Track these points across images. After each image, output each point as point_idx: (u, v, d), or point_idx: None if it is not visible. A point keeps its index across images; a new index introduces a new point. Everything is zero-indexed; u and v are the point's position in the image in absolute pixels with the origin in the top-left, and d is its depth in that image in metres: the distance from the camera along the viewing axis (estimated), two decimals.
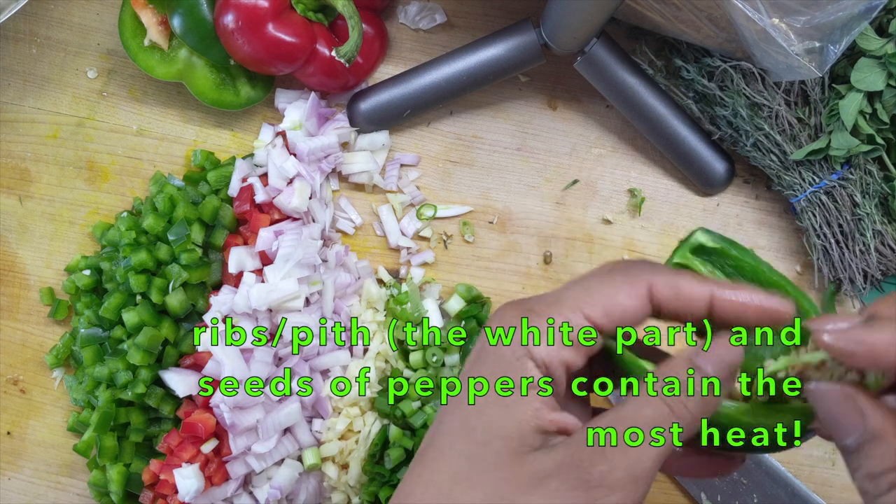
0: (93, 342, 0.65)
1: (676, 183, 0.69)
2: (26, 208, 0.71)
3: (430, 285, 0.69)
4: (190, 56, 0.66)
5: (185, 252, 0.63)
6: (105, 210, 0.70)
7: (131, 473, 0.64)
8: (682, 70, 0.64)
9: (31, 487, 0.70)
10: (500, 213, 0.69)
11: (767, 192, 0.68)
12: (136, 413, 0.64)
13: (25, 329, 0.71)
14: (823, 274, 0.65)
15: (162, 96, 0.70)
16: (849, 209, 0.62)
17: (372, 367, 0.65)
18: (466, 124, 0.70)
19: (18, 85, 0.71)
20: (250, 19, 0.61)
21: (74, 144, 0.71)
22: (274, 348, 0.63)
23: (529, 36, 0.63)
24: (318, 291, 0.64)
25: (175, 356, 0.63)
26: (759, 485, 0.64)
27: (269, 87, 0.69)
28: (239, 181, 0.66)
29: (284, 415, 0.62)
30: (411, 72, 0.67)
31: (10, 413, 0.71)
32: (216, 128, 0.70)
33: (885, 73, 0.57)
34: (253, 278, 0.62)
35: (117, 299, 0.63)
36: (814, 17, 0.51)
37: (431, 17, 0.69)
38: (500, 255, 0.69)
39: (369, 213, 0.70)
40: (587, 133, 0.69)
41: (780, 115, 0.61)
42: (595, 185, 0.69)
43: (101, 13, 0.70)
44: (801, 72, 0.53)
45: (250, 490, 0.64)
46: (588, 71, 0.64)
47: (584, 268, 0.69)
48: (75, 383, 0.68)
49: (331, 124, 0.68)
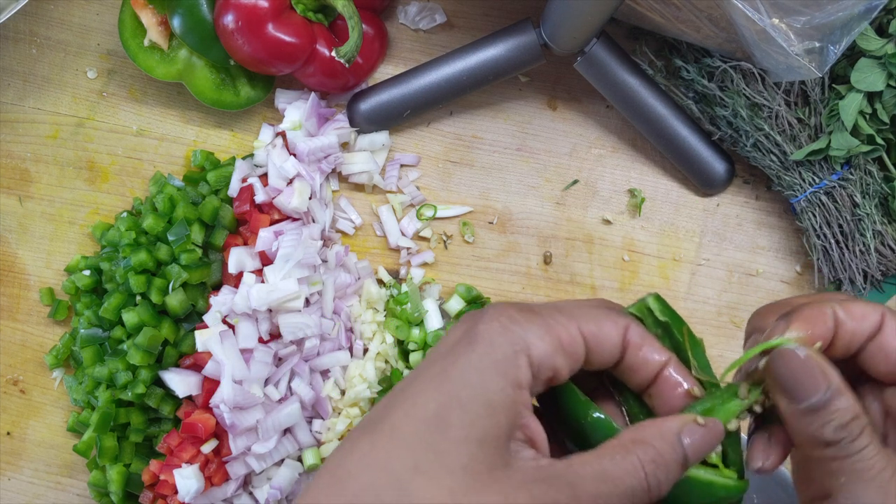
0: (93, 342, 0.65)
1: (676, 183, 0.69)
2: (26, 208, 0.71)
3: (430, 286, 0.69)
4: (190, 56, 0.66)
5: (185, 252, 0.63)
6: (105, 210, 0.70)
7: (131, 474, 0.64)
8: (682, 70, 0.64)
9: (31, 488, 0.70)
10: (500, 213, 0.69)
11: (767, 193, 0.68)
12: (136, 413, 0.64)
13: (25, 329, 0.71)
14: (823, 274, 0.65)
15: (162, 96, 0.70)
16: (849, 209, 0.62)
17: (372, 367, 0.65)
18: (466, 124, 0.70)
19: (18, 85, 0.71)
20: (250, 19, 0.61)
21: (74, 145, 0.71)
22: (274, 348, 0.63)
23: (529, 36, 0.63)
24: (318, 292, 0.64)
25: (175, 356, 0.63)
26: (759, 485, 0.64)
27: (269, 87, 0.69)
28: (239, 181, 0.66)
29: (284, 415, 0.62)
30: (411, 72, 0.67)
31: (10, 413, 0.71)
32: (216, 128, 0.70)
33: (885, 73, 0.57)
34: (253, 278, 0.62)
35: (117, 299, 0.63)
36: (814, 17, 0.51)
37: (431, 17, 0.69)
38: (500, 255, 0.69)
39: (369, 214, 0.70)
40: (587, 133, 0.69)
41: (780, 115, 0.61)
42: (595, 186, 0.69)
43: (101, 13, 0.70)
44: (801, 72, 0.53)
45: (250, 490, 0.64)
46: (588, 71, 0.64)
47: (584, 268, 0.69)
48: (75, 384, 0.68)
49: (331, 124, 0.68)
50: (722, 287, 0.68)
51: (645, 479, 0.36)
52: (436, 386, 0.35)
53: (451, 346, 0.37)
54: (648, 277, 0.69)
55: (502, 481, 0.34)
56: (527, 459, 0.35)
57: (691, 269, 0.69)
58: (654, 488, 0.36)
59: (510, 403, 0.35)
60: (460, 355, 0.36)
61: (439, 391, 0.35)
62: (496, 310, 0.37)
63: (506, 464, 0.35)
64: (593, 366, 0.39)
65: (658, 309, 0.42)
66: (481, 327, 0.36)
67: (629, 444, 0.36)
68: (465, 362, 0.36)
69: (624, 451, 0.36)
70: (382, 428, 0.35)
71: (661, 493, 0.36)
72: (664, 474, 0.36)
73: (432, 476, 0.34)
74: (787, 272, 0.68)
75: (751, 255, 0.68)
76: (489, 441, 0.34)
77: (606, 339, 0.38)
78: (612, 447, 0.36)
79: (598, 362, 0.39)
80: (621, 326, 0.39)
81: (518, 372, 0.36)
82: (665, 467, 0.36)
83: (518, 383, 0.35)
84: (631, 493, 0.35)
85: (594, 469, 0.35)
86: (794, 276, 0.68)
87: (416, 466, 0.34)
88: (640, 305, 0.42)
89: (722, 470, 0.40)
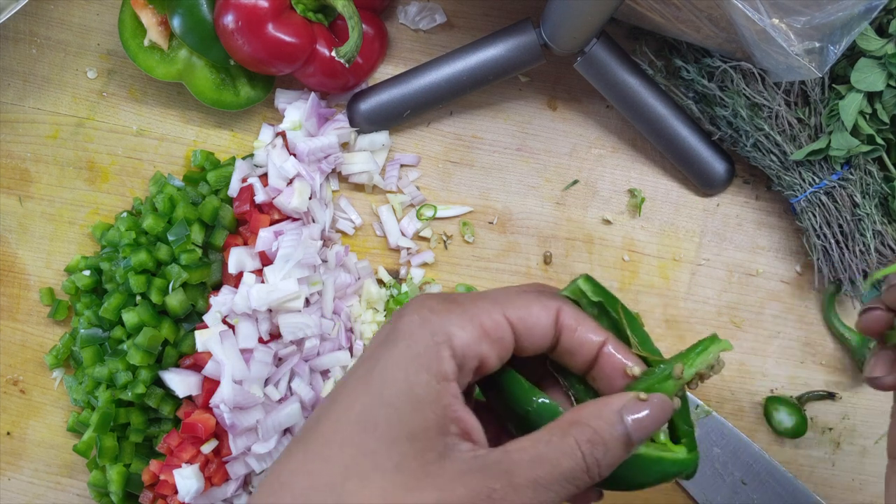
0: (93, 342, 0.65)
1: (676, 183, 0.69)
2: (26, 208, 0.71)
3: (430, 286, 0.69)
4: (190, 56, 0.66)
5: (185, 252, 0.63)
6: (105, 210, 0.70)
7: (131, 474, 0.64)
8: (682, 70, 0.64)
9: (31, 488, 0.70)
10: (500, 213, 0.69)
11: (767, 193, 0.68)
12: (136, 413, 0.64)
13: (25, 329, 0.71)
14: (823, 274, 0.65)
15: (162, 96, 0.70)
16: (849, 209, 0.62)
17: None
18: (466, 124, 0.70)
19: (18, 85, 0.71)
20: (250, 19, 0.61)
21: (74, 145, 0.71)
22: (274, 348, 0.63)
23: (529, 36, 0.63)
24: (318, 292, 0.64)
25: (175, 356, 0.63)
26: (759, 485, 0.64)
27: (269, 87, 0.69)
28: (239, 181, 0.66)
29: (284, 415, 0.62)
30: (411, 72, 0.67)
31: (10, 413, 0.71)
32: (216, 128, 0.70)
33: (885, 73, 0.57)
34: (253, 279, 0.62)
35: (117, 300, 0.63)
36: (814, 17, 0.51)
37: (431, 17, 0.69)
38: (500, 255, 0.69)
39: (369, 214, 0.70)
40: (587, 133, 0.69)
41: (780, 115, 0.61)
42: (595, 186, 0.69)
43: (101, 13, 0.70)
44: (801, 72, 0.53)
45: (250, 490, 0.64)
46: (588, 71, 0.64)
47: (584, 268, 0.69)
48: (75, 384, 0.68)
49: (331, 124, 0.68)
50: (722, 287, 0.68)
51: (582, 459, 0.35)
52: (362, 387, 0.35)
53: (376, 346, 0.36)
54: (648, 277, 0.69)
55: (436, 476, 0.34)
56: (463, 452, 0.35)
57: (691, 269, 0.69)
58: (593, 468, 0.35)
59: (436, 396, 0.34)
60: (382, 354, 0.35)
61: (365, 392, 0.35)
62: (416, 302, 0.37)
63: (440, 457, 0.34)
64: (527, 351, 0.39)
65: (590, 290, 0.41)
66: (401, 323, 0.36)
67: (566, 426, 0.36)
68: (387, 360, 0.35)
69: (561, 433, 0.36)
70: (314, 436, 0.35)
71: (601, 472, 0.36)
72: (602, 454, 0.35)
73: (364, 477, 0.33)
74: (787, 272, 0.68)
75: (751, 255, 0.68)
76: (419, 436, 0.34)
77: (536, 323, 0.38)
78: (550, 430, 0.36)
79: (530, 347, 0.38)
80: (552, 309, 0.38)
81: (441, 364, 0.35)
82: (603, 446, 0.36)
83: (443, 375, 0.35)
84: (569, 474, 0.35)
85: (530, 454, 0.35)
86: (794, 276, 0.68)
87: (347, 469, 0.33)
88: (573, 288, 0.41)
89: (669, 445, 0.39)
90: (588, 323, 0.39)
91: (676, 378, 0.39)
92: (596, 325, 0.40)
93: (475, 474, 0.34)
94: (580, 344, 0.39)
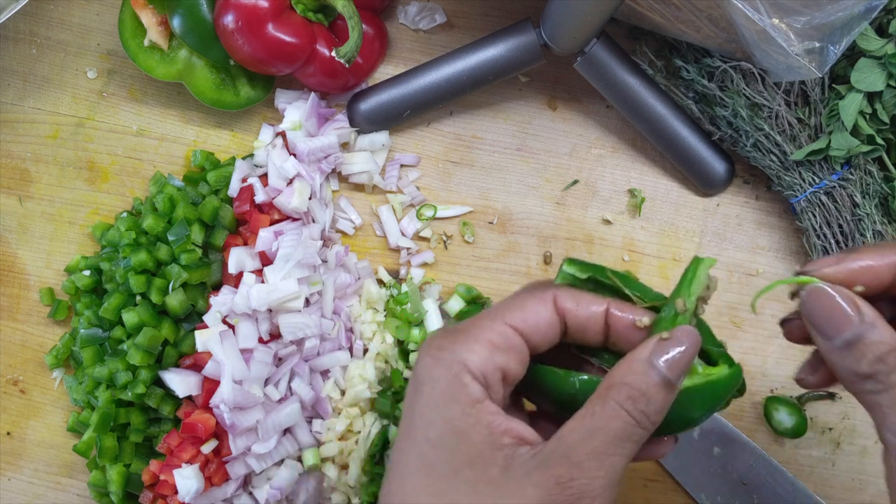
0: (93, 342, 0.65)
1: (676, 183, 0.69)
2: (26, 208, 0.71)
3: (430, 286, 0.69)
4: (190, 56, 0.66)
5: (185, 252, 0.63)
6: (105, 210, 0.70)
7: (131, 474, 0.64)
8: (682, 70, 0.64)
9: (31, 488, 0.70)
10: (500, 213, 0.69)
11: (767, 193, 0.68)
12: (136, 413, 0.64)
13: (25, 329, 0.71)
14: None
15: (162, 96, 0.70)
16: (849, 209, 0.62)
17: (372, 367, 0.65)
18: (466, 124, 0.70)
19: (18, 85, 0.71)
20: (250, 19, 0.61)
21: (74, 145, 0.71)
22: (274, 348, 0.63)
23: (529, 36, 0.63)
24: (318, 292, 0.64)
25: (175, 356, 0.63)
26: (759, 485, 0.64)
27: (269, 87, 0.69)
28: (239, 181, 0.66)
29: (284, 415, 0.62)
30: (411, 72, 0.67)
31: (10, 413, 0.71)
32: (216, 128, 0.70)
33: (885, 73, 0.57)
34: (253, 279, 0.62)
35: (117, 300, 0.63)
36: (814, 17, 0.51)
37: (431, 17, 0.69)
38: (500, 255, 0.69)
39: (369, 214, 0.70)
40: (587, 133, 0.69)
41: (780, 115, 0.61)
42: (595, 186, 0.69)
43: (101, 13, 0.70)
44: (801, 72, 0.53)
45: (250, 490, 0.64)
46: (588, 71, 0.64)
47: None
48: (75, 384, 0.68)
49: (331, 124, 0.68)
50: (722, 287, 0.68)
51: (629, 415, 0.36)
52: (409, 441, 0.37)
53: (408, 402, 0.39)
54: (648, 277, 0.69)
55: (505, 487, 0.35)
56: (522, 455, 0.36)
57: None
58: (643, 420, 0.36)
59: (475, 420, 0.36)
60: (415, 404, 0.38)
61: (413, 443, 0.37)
62: (424, 348, 0.39)
63: (504, 469, 0.36)
64: (542, 346, 0.40)
65: (577, 270, 0.42)
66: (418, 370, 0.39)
67: (604, 393, 0.37)
68: (420, 407, 0.37)
69: (601, 401, 0.37)
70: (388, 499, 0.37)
71: (653, 421, 0.37)
72: (645, 404, 0.36)
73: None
74: (787, 272, 0.68)
75: (751, 255, 0.68)
76: (476, 460, 0.36)
77: (538, 318, 0.39)
78: (591, 402, 0.37)
79: (543, 341, 0.40)
80: (548, 300, 0.40)
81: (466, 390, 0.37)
82: (644, 397, 0.36)
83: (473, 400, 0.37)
84: (623, 434, 0.36)
85: (579, 432, 0.36)
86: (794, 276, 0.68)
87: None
88: (562, 275, 0.43)
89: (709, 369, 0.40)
90: (585, 297, 0.41)
91: (682, 312, 0.40)
92: (593, 297, 0.41)
93: (538, 470, 0.35)
94: (586, 318, 0.40)
